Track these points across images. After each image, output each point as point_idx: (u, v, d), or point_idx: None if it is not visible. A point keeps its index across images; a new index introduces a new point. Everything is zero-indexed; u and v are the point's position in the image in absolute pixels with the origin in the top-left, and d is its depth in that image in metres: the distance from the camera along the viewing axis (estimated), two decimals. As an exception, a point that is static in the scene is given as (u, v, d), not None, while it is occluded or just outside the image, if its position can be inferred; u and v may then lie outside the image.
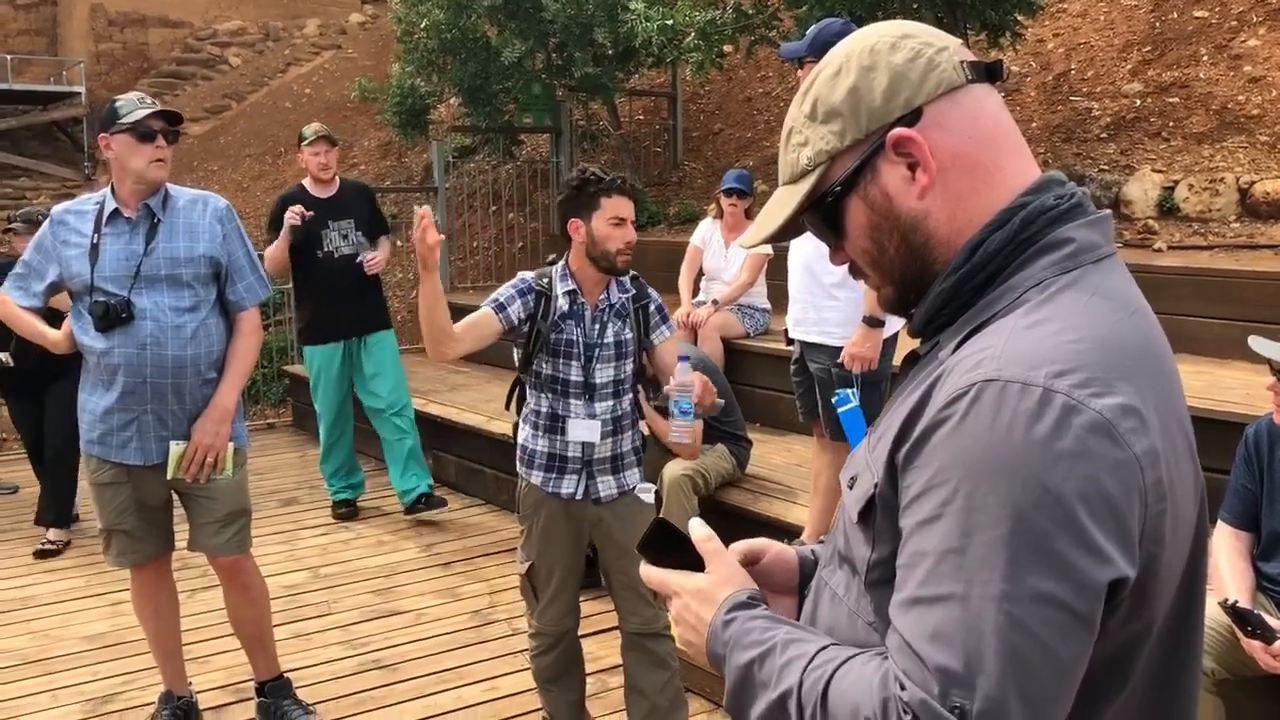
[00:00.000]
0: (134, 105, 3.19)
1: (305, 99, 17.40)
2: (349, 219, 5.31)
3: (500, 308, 2.97)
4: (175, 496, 3.35)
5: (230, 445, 3.23)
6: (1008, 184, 1.04)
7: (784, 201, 1.12)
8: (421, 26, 8.78)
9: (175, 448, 3.17)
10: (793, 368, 4.00)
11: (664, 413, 3.69)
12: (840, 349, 3.61)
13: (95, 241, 3.14)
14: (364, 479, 5.88)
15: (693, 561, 1.16)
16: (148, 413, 3.14)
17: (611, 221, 2.92)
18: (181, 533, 3.41)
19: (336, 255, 5.27)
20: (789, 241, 1.22)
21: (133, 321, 3.09)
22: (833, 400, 3.39)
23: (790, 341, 4.01)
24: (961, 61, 1.05)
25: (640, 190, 2.96)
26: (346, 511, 5.72)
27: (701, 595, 1.12)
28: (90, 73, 19.71)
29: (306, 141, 5.31)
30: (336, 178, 5.38)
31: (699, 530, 1.18)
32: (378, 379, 5.50)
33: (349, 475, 5.80)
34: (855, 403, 3.35)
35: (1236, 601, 2.66)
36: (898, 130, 1.03)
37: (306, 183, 5.37)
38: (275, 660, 3.58)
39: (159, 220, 3.18)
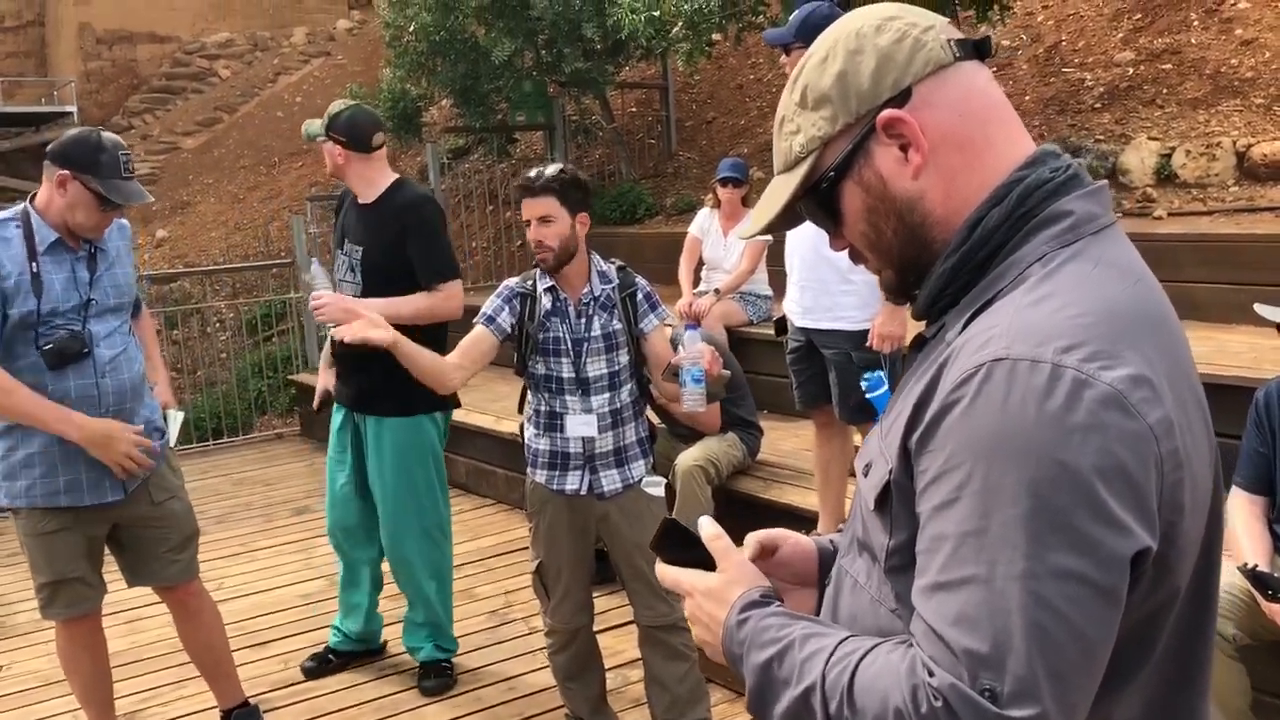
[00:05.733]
0: (117, 168, 2.94)
1: (297, 107, 17.39)
2: (361, 245, 3.60)
3: (490, 320, 2.99)
4: (118, 534, 3.15)
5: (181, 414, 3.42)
6: (1002, 159, 1.04)
7: (780, 190, 1.12)
8: (410, 30, 8.77)
9: (177, 417, 3.29)
10: (790, 357, 3.90)
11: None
12: (859, 333, 3.57)
13: (35, 271, 2.88)
14: (378, 628, 4.08)
15: (707, 559, 1.15)
16: None
17: (526, 223, 2.95)
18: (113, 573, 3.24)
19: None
20: (789, 229, 1.21)
21: (89, 355, 2.92)
22: (864, 384, 3.35)
23: (781, 331, 3.95)
24: (948, 40, 1.05)
25: (559, 181, 2.90)
26: (313, 667, 3.94)
27: (713, 595, 1.12)
28: (81, 91, 19.75)
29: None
30: (387, 179, 3.64)
31: (708, 529, 1.18)
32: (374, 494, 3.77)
33: (350, 613, 3.97)
34: (887, 386, 3.33)
35: (1256, 566, 2.65)
36: (888, 112, 1.03)
37: None
38: (238, 686, 3.46)
39: (99, 248, 3.04)
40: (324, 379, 3.92)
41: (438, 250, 3.55)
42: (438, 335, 3.53)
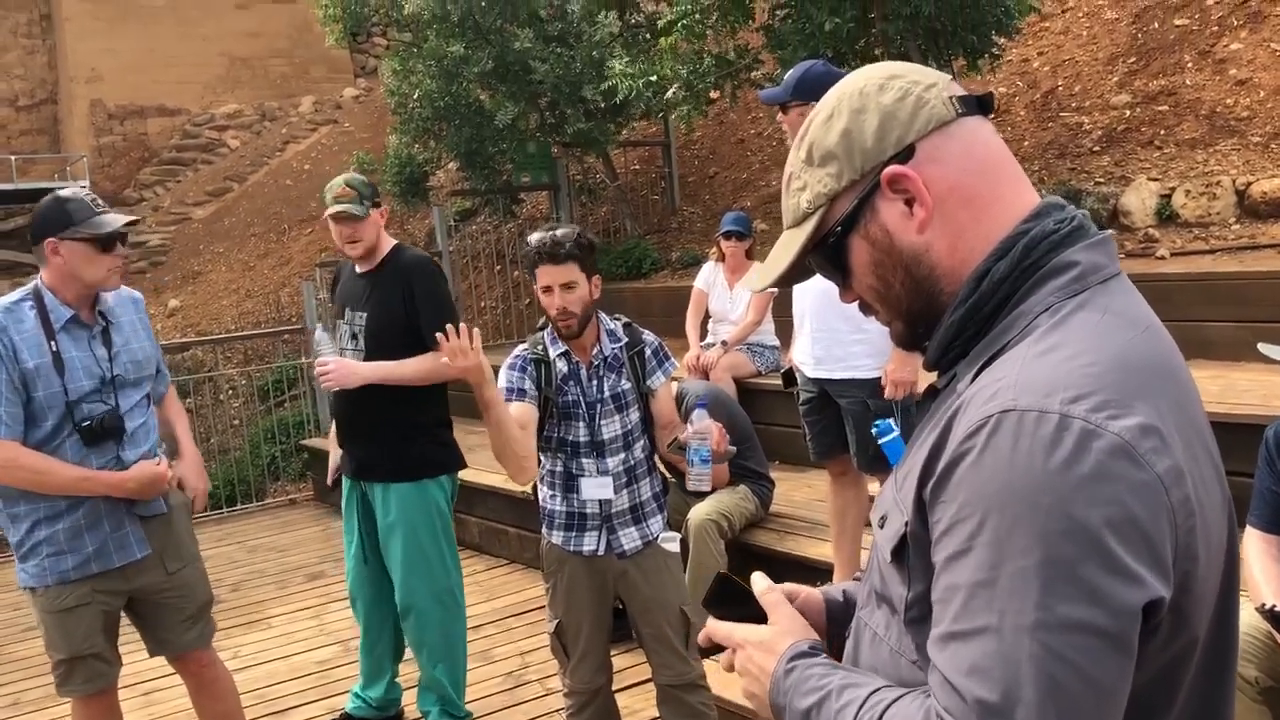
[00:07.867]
0: (88, 208, 2.91)
1: (305, 175, 17.62)
2: (365, 310, 3.59)
3: (521, 393, 2.93)
4: (135, 605, 3.14)
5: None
6: (1007, 212, 1.05)
7: (789, 244, 1.15)
8: (414, 96, 8.92)
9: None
10: (803, 408, 3.89)
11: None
12: (873, 381, 3.57)
13: (55, 350, 2.87)
14: (397, 696, 4.04)
15: (755, 614, 1.19)
16: (131, 510, 3.02)
17: (542, 290, 2.89)
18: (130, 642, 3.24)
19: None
20: (799, 283, 1.24)
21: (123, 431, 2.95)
22: (874, 429, 3.34)
23: (789, 383, 3.95)
24: (950, 97, 1.07)
25: (579, 247, 2.87)
26: None
27: (764, 646, 1.14)
28: (93, 166, 20.07)
29: (328, 210, 3.59)
30: (386, 245, 3.65)
31: (760, 583, 1.21)
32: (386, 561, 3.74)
33: (370, 680, 3.95)
34: (897, 432, 3.32)
35: (1275, 606, 2.62)
36: (892, 168, 1.06)
37: None
38: None
39: (110, 322, 3.03)
40: (335, 453, 3.92)
41: (445, 310, 3.51)
42: (437, 391, 3.68)
